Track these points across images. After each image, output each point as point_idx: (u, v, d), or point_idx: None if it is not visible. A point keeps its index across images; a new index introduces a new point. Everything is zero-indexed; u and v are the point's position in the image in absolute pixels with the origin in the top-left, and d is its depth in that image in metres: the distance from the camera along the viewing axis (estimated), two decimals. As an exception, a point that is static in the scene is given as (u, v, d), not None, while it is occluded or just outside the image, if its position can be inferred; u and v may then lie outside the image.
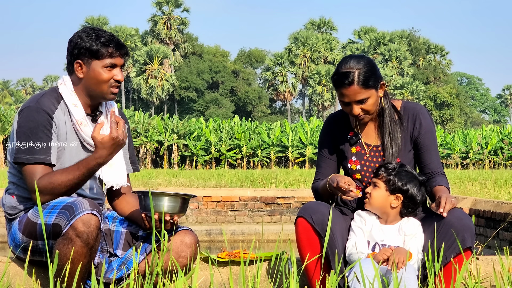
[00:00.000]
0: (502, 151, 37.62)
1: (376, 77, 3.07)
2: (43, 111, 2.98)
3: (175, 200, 2.95)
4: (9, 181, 3.11)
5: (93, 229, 2.78)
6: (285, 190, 9.23)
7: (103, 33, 3.05)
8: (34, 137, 2.94)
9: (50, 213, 2.85)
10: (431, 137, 3.17)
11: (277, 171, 20.88)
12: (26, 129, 2.95)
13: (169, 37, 66.53)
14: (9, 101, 72.91)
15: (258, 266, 2.71)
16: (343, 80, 3.02)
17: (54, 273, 2.47)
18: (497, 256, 3.27)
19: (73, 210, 2.78)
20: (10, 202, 3.06)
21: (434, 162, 3.17)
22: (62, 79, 3.12)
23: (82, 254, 2.77)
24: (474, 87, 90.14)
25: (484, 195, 8.89)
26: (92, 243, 2.79)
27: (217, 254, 3.28)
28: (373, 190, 3.04)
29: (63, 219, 2.79)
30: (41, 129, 2.95)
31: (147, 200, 2.93)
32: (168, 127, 38.74)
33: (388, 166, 3.05)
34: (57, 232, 2.81)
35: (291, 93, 66.17)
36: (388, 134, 3.14)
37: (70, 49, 3.06)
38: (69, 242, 2.76)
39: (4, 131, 33.89)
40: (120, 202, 3.21)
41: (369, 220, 3.04)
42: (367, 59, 3.10)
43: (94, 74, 3.04)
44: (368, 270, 2.78)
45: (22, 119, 2.98)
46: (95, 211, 2.80)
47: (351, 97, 3.03)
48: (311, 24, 70.70)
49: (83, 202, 2.81)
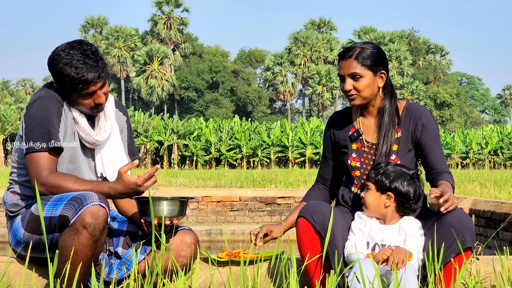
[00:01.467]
0: (502, 151, 37.62)
1: (377, 62, 3.12)
2: (54, 99, 2.98)
3: (173, 203, 2.93)
4: (12, 180, 3.09)
5: (101, 221, 2.76)
6: (285, 190, 9.23)
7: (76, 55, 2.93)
8: (47, 124, 2.93)
9: (56, 205, 2.82)
10: (434, 138, 3.18)
11: (277, 171, 20.89)
12: (39, 118, 2.93)
13: (169, 37, 66.53)
14: (9, 101, 72.92)
15: (258, 266, 2.71)
16: (345, 52, 3.14)
17: (56, 267, 2.46)
18: (497, 256, 3.27)
19: (82, 201, 2.76)
20: (12, 200, 3.05)
21: (439, 162, 3.17)
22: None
23: (88, 246, 2.74)
24: (474, 87, 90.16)
25: (484, 195, 8.89)
26: (98, 236, 2.76)
27: (217, 254, 3.28)
28: (366, 194, 3.06)
29: (71, 210, 2.77)
30: (53, 116, 2.95)
31: (145, 206, 2.91)
32: (168, 127, 38.74)
33: (376, 167, 3.08)
34: (64, 224, 2.79)
35: (291, 93, 66.18)
36: (383, 134, 3.16)
37: (54, 71, 2.97)
38: (75, 233, 2.73)
39: (4, 131, 33.89)
40: (122, 201, 3.19)
41: (368, 221, 3.04)
42: (376, 45, 3.18)
43: (74, 102, 3.02)
44: (368, 270, 2.78)
45: (33, 110, 2.96)
46: (103, 203, 2.78)
47: (345, 70, 3.13)
48: (311, 24, 70.71)
49: (92, 194, 2.79)
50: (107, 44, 64.70)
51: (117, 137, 3.19)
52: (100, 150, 3.14)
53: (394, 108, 3.18)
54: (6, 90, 78.05)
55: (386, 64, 3.17)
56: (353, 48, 3.14)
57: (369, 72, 3.11)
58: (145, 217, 2.95)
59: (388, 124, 3.16)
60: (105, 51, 63.88)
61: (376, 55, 3.12)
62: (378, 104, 3.19)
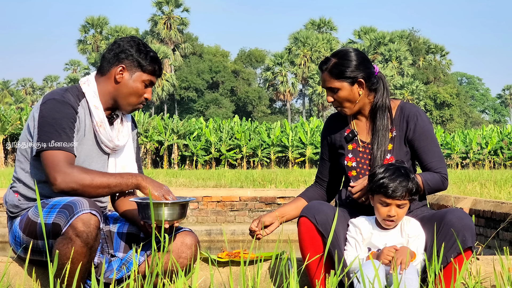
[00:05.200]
0: (502, 151, 37.60)
1: (352, 71, 3.11)
2: (68, 104, 2.97)
3: (173, 207, 2.92)
4: (16, 178, 3.07)
5: (92, 228, 2.77)
6: (285, 190, 9.23)
7: (151, 49, 3.08)
8: (59, 127, 2.92)
9: (49, 212, 2.83)
10: (426, 139, 3.17)
11: (277, 171, 20.89)
12: (50, 119, 2.92)
13: (169, 37, 66.52)
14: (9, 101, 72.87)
15: (258, 266, 2.71)
16: (321, 65, 3.18)
17: (54, 273, 2.46)
18: (497, 256, 3.27)
19: (72, 210, 2.76)
20: (13, 201, 3.05)
21: (433, 162, 3.16)
22: (86, 79, 3.11)
23: (82, 253, 2.76)
24: (474, 87, 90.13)
25: (484, 195, 8.88)
26: (91, 243, 2.77)
27: (217, 254, 3.28)
28: (400, 210, 2.97)
29: (62, 218, 2.78)
30: (65, 121, 2.94)
31: (145, 209, 2.90)
32: (168, 127, 38.72)
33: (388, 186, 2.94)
34: (57, 232, 2.80)
35: (291, 93, 66.16)
36: (376, 138, 3.17)
37: (117, 51, 3.05)
38: (69, 242, 2.74)
39: (4, 131, 33.85)
40: (123, 203, 3.19)
41: (365, 227, 3.02)
42: (350, 52, 3.15)
43: (132, 84, 3.05)
44: (369, 271, 2.78)
45: (46, 110, 2.94)
46: (94, 210, 2.79)
47: (323, 83, 3.19)
48: (311, 24, 70.68)
49: (83, 202, 2.79)
50: (107, 44, 64.63)
51: (131, 144, 3.23)
52: (115, 155, 3.16)
53: (387, 107, 3.18)
54: (6, 90, 78.00)
55: (365, 68, 3.14)
56: (327, 61, 3.15)
57: (345, 83, 3.12)
58: (146, 220, 2.94)
59: (380, 127, 3.17)
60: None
61: (351, 64, 3.11)
62: (368, 106, 3.20)
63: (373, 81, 3.16)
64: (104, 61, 3.09)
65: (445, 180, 3.14)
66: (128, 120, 3.23)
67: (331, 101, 3.18)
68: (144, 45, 3.08)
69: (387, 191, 2.91)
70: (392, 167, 2.96)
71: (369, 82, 3.15)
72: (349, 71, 3.11)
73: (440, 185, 3.13)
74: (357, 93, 3.14)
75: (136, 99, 3.09)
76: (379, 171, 2.96)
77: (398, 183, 2.91)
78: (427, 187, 3.10)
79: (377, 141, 3.16)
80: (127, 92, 3.06)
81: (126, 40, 3.08)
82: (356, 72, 3.12)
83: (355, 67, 3.12)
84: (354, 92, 3.13)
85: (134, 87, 3.06)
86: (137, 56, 3.04)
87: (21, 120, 34.09)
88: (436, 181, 3.12)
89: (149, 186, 2.96)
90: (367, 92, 3.16)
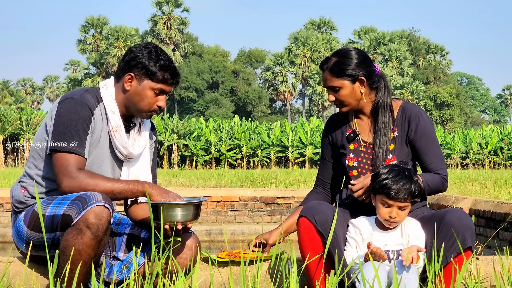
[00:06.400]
0: (502, 151, 37.60)
1: (353, 69, 3.11)
2: (86, 106, 2.97)
3: (187, 208, 2.90)
4: (26, 173, 3.08)
5: (104, 221, 2.75)
6: (285, 190, 9.23)
7: (165, 56, 3.04)
8: (73, 128, 2.92)
9: (60, 204, 2.82)
10: (428, 140, 3.17)
11: (277, 171, 20.89)
12: (66, 119, 2.93)
13: (169, 37, 66.50)
14: (9, 101, 72.87)
15: (258, 266, 2.71)
16: (322, 64, 3.17)
17: (57, 266, 2.45)
18: (497, 256, 3.27)
19: (86, 201, 2.76)
20: (19, 196, 3.05)
21: (433, 163, 3.16)
22: (105, 83, 3.11)
23: (90, 246, 2.74)
24: (474, 87, 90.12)
25: (484, 195, 8.88)
26: (101, 236, 2.76)
27: (217, 254, 3.28)
28: (402, 212, 2.97)
29: (74, 209, 2.76)
30: (80, 122, 2.94)
31: (160, 211, 2.86)
32: (168, 127, 38.72)
33: (396, 191, 2.93)
34: (67, 223, 2.78)
35: (291, 93, 66.14)
36: (378, 137, 3.16)
37: (128, 58, 3.04)
38: (79, 233, 2.72)
39: (4, 131, 33.83)
40: (135, 208, 3.15)
41: (365, 228, 3.01)
42: (351, 51, 3.16)
43: (141, 92, 3.03)
44: (369, 271, 2.78)
45: (64, 109, 2.95)
46: (107, 204, 2.78)
47: (324, 82, 3.18)
48: (311, 24, 70.67)
49: (96, 195, 2.79)
50: (107, 44, 64.65)
51: (147, 154, 3.21)
52: (129, 164, 3.15)
53: (389, 107, 3.18)
54: (6, 90, 77.99)
55: (366, 66, 3.15)
56: (328, 60, 3.15)
57: (346, 81, 3.12)
58: (159, 221, 2.90)
59: (382, 125, 3.16)
60: (105, 51, 63.86)
61: (351, 62, 3.12)
62: (370, 105, 3.20)
63: (374, 79, 3.16)
64: (118, 67, 3.10)
65: (445, 181, 3.15)
66: (147, 129, 3.20)
67: (333, 100, 3.18)
68: (156, 53, 3.03)
69: (389, 193, 2.91)
70: (397, 169, 2.96)
71: (370, 80, 3.15)
72: (350, 69, 3.11)
73: (440, 186, 3.14)
74: (358, 91, 3.14)
75: (147, 107, 3.05)
76: (383, 171, 2.96)
77: (401, 185, 2.91)
78: (427, 188, 3.10)
79: (379, 140, 3.16)
80: (136, 100, 3.04)
81: (139, 47, 3.05)
82: (357, 70, 3.12)
83: (356, 65, 3.12)
84: (355, 90, 3.13)
85: (143, 96, 3.03)
86: (146, 64, 3.01)
87: (21, 120, 34.04)
88: (436, 182, 3.12)
89: (155, 192, 2.94)
90: (368, 90, 3.16)
